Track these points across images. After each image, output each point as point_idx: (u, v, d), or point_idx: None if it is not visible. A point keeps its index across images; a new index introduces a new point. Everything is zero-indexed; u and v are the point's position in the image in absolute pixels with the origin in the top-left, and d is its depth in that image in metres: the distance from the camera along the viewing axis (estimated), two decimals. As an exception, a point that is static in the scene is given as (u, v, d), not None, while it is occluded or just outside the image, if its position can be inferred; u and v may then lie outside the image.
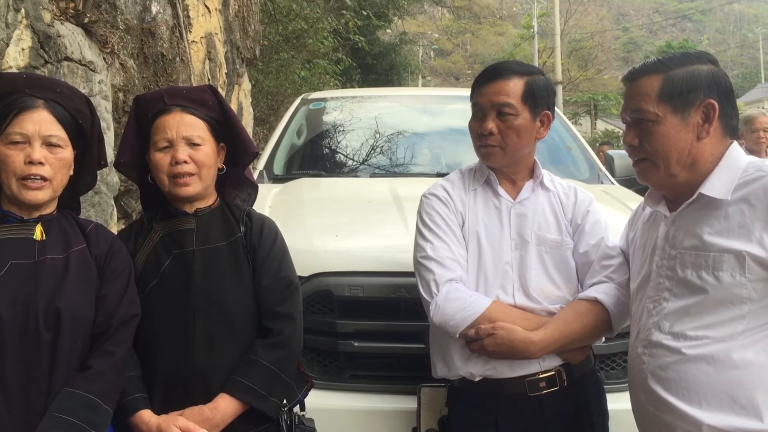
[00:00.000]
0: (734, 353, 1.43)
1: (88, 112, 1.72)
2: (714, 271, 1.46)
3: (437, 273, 1.79)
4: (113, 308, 1.64)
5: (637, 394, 1.64)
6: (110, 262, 1.69)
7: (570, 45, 39.84)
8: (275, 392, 1.72)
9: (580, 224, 1.91)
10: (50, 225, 1.65)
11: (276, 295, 1.77)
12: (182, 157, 1.72)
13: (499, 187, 1.91)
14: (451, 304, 1.75)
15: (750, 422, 1.40)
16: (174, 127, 1.74)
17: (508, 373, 1.78)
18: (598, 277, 1.84)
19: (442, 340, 1.86)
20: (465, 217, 1.89)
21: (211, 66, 5.87)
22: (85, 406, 1.51)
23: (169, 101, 1.77)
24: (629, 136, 1.60)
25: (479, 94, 1.88)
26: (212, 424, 1.64)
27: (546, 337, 1.72)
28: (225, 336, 1.71)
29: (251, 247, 1.79)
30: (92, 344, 1.61)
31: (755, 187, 1.46)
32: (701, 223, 1.51)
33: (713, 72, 1.54)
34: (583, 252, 1.87)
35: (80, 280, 1.61)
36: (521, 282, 1.82)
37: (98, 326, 1.62)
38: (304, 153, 3.83)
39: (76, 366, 1.57)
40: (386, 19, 18.63)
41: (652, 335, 1.56)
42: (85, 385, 1.54)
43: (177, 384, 1.69)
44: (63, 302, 1.55)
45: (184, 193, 1.75)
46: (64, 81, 2.03)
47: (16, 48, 2.92)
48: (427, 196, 1.94)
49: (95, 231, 1.72)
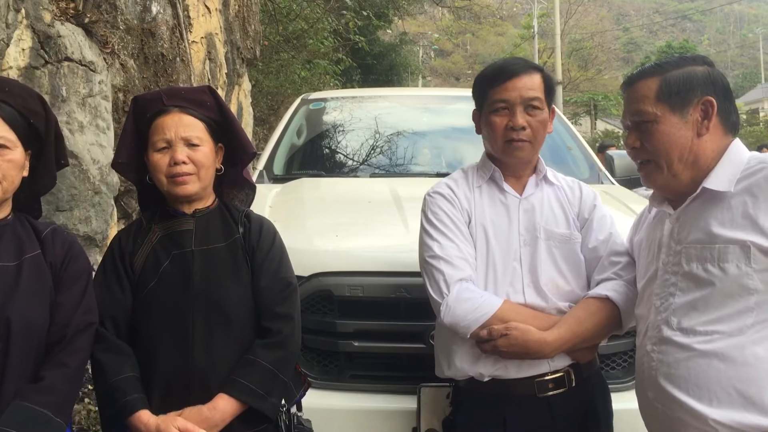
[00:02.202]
0: (745, 349, 1.43)
1: (42, 111, 1.65)
2: (719, 262, 1.46)
3: (447, 272, 1.77)
4: (68, 316, 1.58)
5: (645, 392, 1.63)
6: (67, 268, 1.62)
7: (570, 45, 39.84)
8: (274, 392, 1.72)
9: (587, 219, 1.90)
10: (3, 231, 1.59)
11: (275, 295, 1.77)
12: (181, 157, 1.72)
13: (504, 183, 1.90)
14: (462, 304, 1.73)
15: (761, 418, 1.40)
16: (172, 127, 1.74)
17: (517, 373, 1.77)
18: (606, 273, 1.83)
19: (448, 340, 1.85)
20: (471, 214, 1.87)
21: (211, 66, 5.87)
22: (35, 420, 1.46)
23: (167, 102, 1.77)
24: (631, 139, 1.62)
25: (504, 89, 1.84)
26: (211, 424, 1.64)
27: (560, 337, 1.72)
28: (224, 336, 1.71)
29: (250, 247, 1.79)
30: (46, 353, 1.56)
31: (758, 178, 1.47)
32: (705, 217, 1.52)
33: (709, 72, 1.57)
34: (593, 247, 1.87)
35: (33, 288, 1.55)
36: (531, 277, 1.81)
37: (53, 335, 1.56)
38: (304, 153, 3.83)
39: (29, 377, 1.52)
40: (386, 19, 18.62)
41: (662, 332, 1.56)
42: (36, 397, 1.48)
43: (176, 384, 1.69)
44: (13, 312, 1.49)
45: (182, 192, 1.75)
46: (15, 80, 1.98)
47: (16, 48, 2.92)
48: (431, 194, 1.92)
49: (51, 236, 1.65)
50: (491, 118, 1.87)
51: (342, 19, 13.93)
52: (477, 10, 26.65)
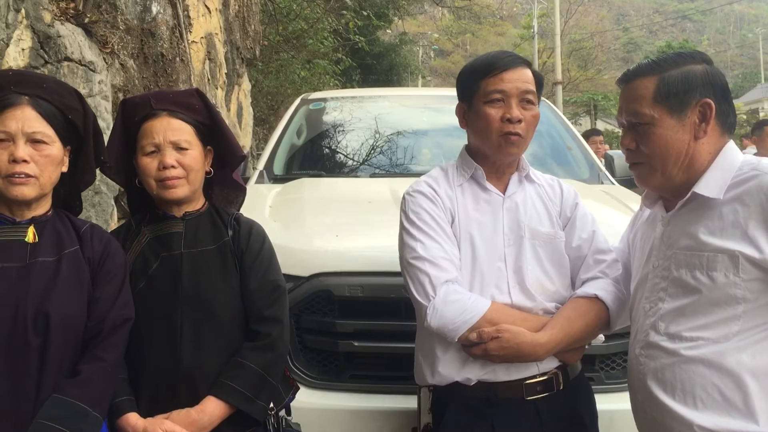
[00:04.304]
0: (730, 355, 1.43)
1: (80, 107, 1.68)
2: (708, 270, 1.45)
3: (432, 274, 1.70)
4: (105, 312, 1.60)
5: (635, 396, 1.63)
6: (104, 264, 1.65)
7: (570, 45, 39.82)
8: (262, 395, 1.71)
9: (570, 217, 1.87)
10: (44, 226, 1.61)
11: (263, 298, 1.77)
12: (170, 161, 1.72)
13: (486, 182, 1.85)
14: (450, 306, 1.67)
15: (745, 424, 1.40)
16: (161, 131, 1.74)
17: (506, 376, 1.73)
18: (592, 272, 1.81)
19: (432, 346, 1.77)
20: (454, 213, 1.80)
21: (211, 66, 5.87)
22: (73, 414, 1.48)
23: (156, 105, 1.77)
24: (626, 140, 1.60)
25: (501, 80, 1.77)
26: (199, 426, 1.64)
27: (553, 338, 1.68)
28: (212, 339, 1.71)
29: (239, 250, 1.79)
30: (83, 348, 1.58)
31: (749, 186, 1.45)
32: (695, 223, 1.50)
33: (708, 71, 1.53)
34: (576, 246, 1.84)
35: (71, 283, 1.57)
36: (517, 278, 1.77)
37: (90, 330, 1.58)
38: (304, 153, 3.83)
39: (66, 371, 1.54)
40: (386, 19, 18.63)
41: (649, 336, 1.56)
42: (74, 391, 1.50)
43: (164, 386, 1.69)
44: (53, 306, 1.51)
45: (172, 195, 1.75)
46: (53, 77, 2.00)
47: (16, 48, 2.92)
48: (411, 193, 1.84)
49: (89, 232, 1.68)
50: (485, 109, 1.78)
51: (342, 19, 13.93)
52: (477, 10, 26.66)
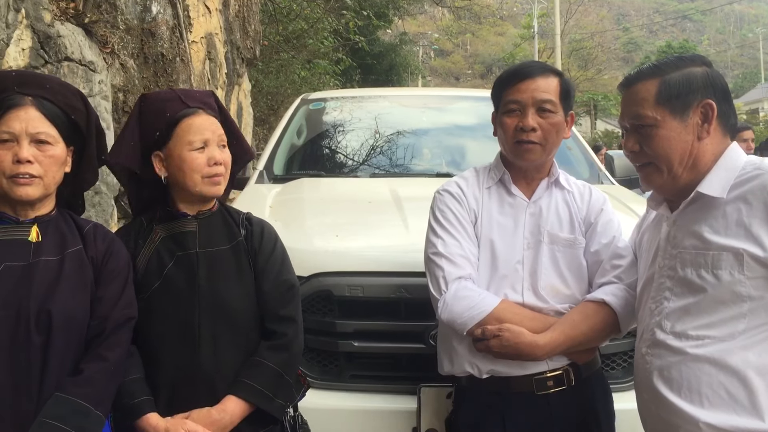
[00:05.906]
0: (735, 354, 1.44)
1: (83, 107, 1.68)
2: (713, 269, 1.47)
3: (446, 270, 1.79)
4: (108, 311, 1.60)
5: (641, 394, 1.64)
6: (107, 264, 1.65)
7: (570, 45, 39.84)
8: (280, 393, 1.73)
9: (593, 222, 1.91)
10: (47, 226, 1.62)
11: (278, 298, 1.78)
12: (220, 158, 1.75)
13: (513, 186, 1.91)
14: (459, 302, 1.75)
15: (751, 422, 1.41)
16: (208, 128, 1.75)
17: (516, 371, 1.78)
18: (607, 277, 1.83)
19: (449, 337, 1.86)
20: (478, 214, 1.89)
21: (211, 66, 5.87)
22: (75, 412, 1.48)
23: (190, 103, 1.77)
24: (630, 143, 1.61)
25: (517, 90, 1.85)
26: (220, 426, 1.64)
27: (552, 340, 1.72)
28: (229, 338, 1.72)
29: (252, 250, 1.80)
30: (86, 347, 1.58)
31: (753, 185, 1.47)
32: (700, 222, 1.52)
33: (708, 73, 1.56)
34: (594, 251, 1.87)
35: (74, 283, 1.58)
36: (531, 280, 1.82)
37: (93, 329, 1.58)
38: (304, 153, 3.83)
39: (69, 370, 1.54)
40: (386, 19, 18.64)
41: (656, 335, 1.57)
42: (76, 390, 1.51)
43: (182, 386, 1.69)
44: (55, 305, 1.52)
45: (216, 192, 1.77)
46: (56, 77, 2.00)
47: (16, 48, 2.92)
48: (440, 192, 1.94)
49: (93, 231, 1.68)
50: (503, 118, 1.89)
51: (342, 19, 13.93)
52: (477, 10, 26.64)
